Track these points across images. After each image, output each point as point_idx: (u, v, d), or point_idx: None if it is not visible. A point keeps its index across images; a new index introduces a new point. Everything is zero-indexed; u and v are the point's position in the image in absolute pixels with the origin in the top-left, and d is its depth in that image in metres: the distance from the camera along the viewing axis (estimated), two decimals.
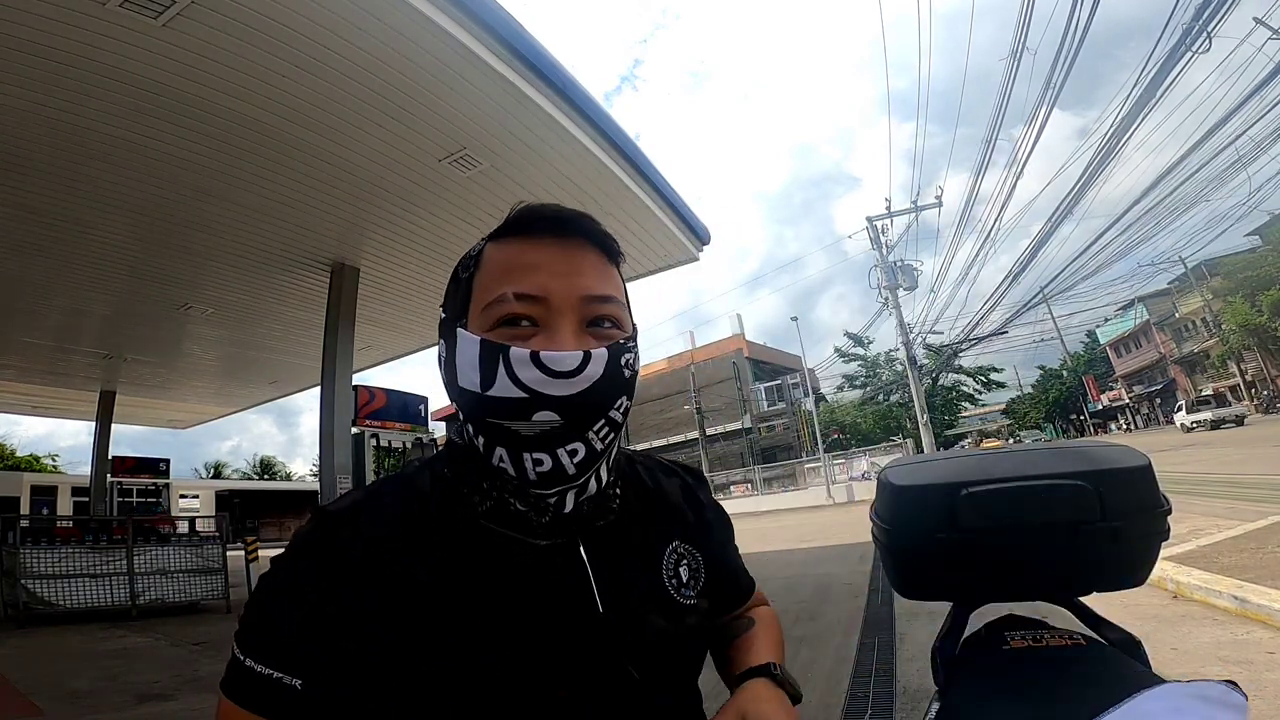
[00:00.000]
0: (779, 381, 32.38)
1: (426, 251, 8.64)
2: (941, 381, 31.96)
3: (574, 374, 0.51)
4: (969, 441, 45.49)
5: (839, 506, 20.19)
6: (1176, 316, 40.31)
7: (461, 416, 0.57)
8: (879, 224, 19.53)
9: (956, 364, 31.68)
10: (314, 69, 5.21)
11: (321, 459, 9.05)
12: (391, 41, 5.05)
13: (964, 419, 48.18)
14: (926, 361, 25.91)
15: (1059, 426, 53.12)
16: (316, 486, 10.98)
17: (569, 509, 0.56)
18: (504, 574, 0.55)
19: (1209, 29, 8.49)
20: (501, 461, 0.54)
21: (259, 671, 0.51)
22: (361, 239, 8.28)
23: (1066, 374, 53.10)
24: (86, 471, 16.13)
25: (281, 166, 6.53)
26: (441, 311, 0.61)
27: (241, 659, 0.52)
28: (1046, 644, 0.78)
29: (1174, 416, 29.41)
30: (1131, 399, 47.77)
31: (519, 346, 0.52)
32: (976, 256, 26.61)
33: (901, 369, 26.08)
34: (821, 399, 34.06)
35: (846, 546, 9.22)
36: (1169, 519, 0.80)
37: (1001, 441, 38.44)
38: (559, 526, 0.57)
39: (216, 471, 43.55)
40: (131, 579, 7.42)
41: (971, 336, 23.38)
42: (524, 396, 0.51)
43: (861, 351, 35.91)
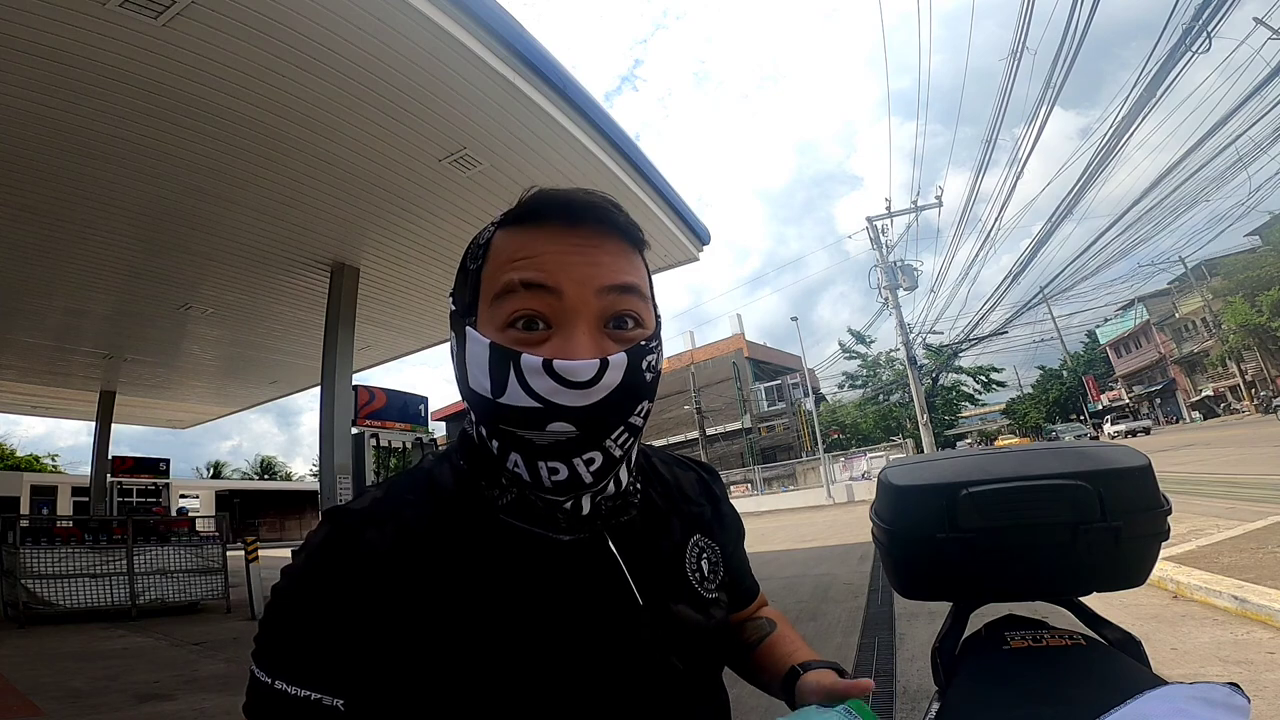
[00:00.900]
0: (779, 381, 32.38)
1: (426, 251, 8.64)
2: (941, 381, 31.94)
3: (590, 384, 0.48)
4: (969, 441, 45.47)
5: (839, 506, 20.19)
6: (1176, 316, 40.30)
7: (473, 418, 0.54)
8: (879, 224, 19.55)
9: (956, 364, 31.68)
10: (314, 69, 5.22)
11: (321, 459, 9.05)
12: (391, 41, 5.05)
13: (964, 419, 48.16)
14: (926, 362, 25.91)
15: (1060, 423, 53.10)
16: (316, 486, 10.98)
17: (586, 511, 0.54)
18: (533, 569, 0.53)
19: (1209, 29, 8.49)
20: (516, 467, 0.51)
21: (293, 694, 0.45)
22: (361, 239, 8.28)
23: (1066, 374, 53.11)
24: (86, 471, 16.13)
25: (281, 166, 6.53)
26: (451, 303, 0.57)
27: (269, 682, 0.46)
28: (1046, 644, 0.77)
29: (1103, 427, 36.62)
30: (1131, 399, 47.77)
31: (531, 353, 0.48)
32: (976, 256, 26.62)
33: (901, 369, 26.09)
34: (821, 399, 34.05)
35: (846, 546, 9.22)
36: (1169, 519, 0.80)
37: (1022, 439, 38.24)
38: (581, 523, 0.55)
39: (216, 471, 43.54)
40: (131, 579, 7.42)
41: (971, 336, 23.39)
42: (537, 407, 0.48)
43: (863, 349, 35.91)
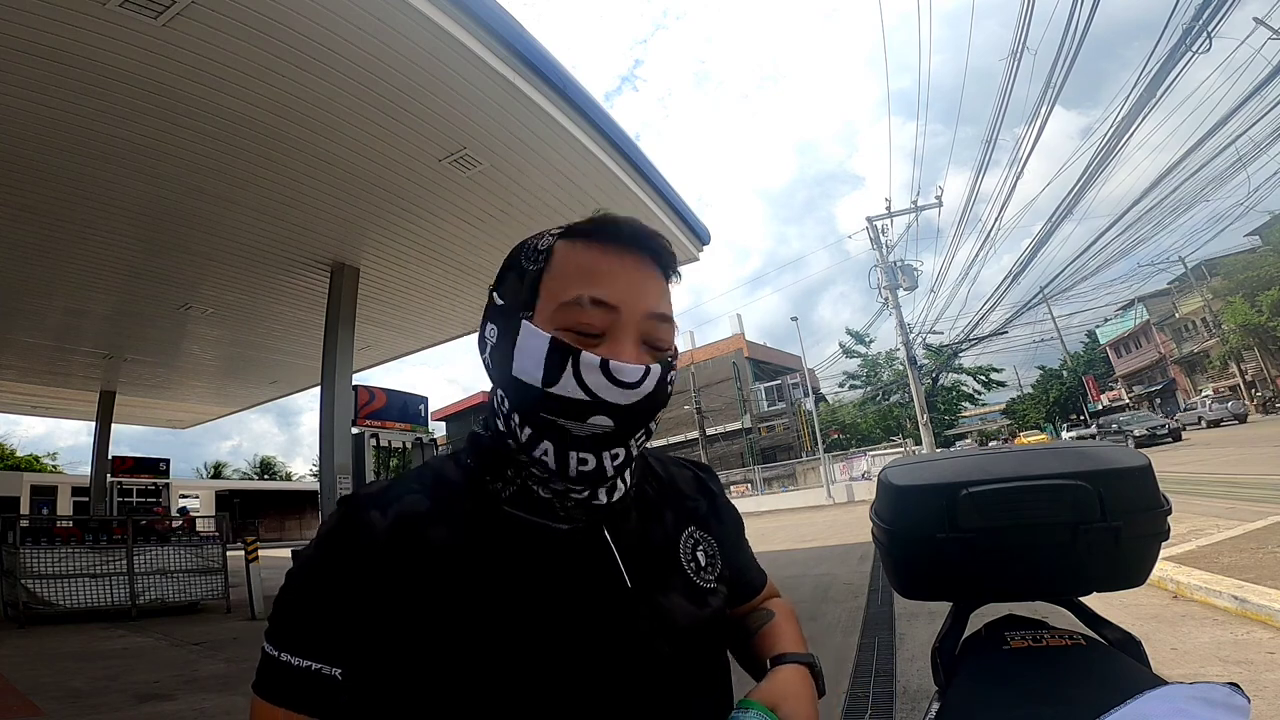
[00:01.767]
0: (779, 381, 32.39)
1: (426, 251, 8.64)
2: (941, 381, 31.93)
3: (635, 385, 0.55)
4: (968, 441, 45.45)
5: (839, 506, 20.20)
6: (1176, 316, 40.29)
7: (507, 405, 0.58)
8: (879, 224, 19.55)
9: (956, 364, 31.67)
10: (314, 69, 5.22)
11: (321, 459, 9.05)
12: (391, 41, 5.05)
13: (964, 419, 48.15)
14: (926, 362, 25.91)
15: (1058, 427, 53.10)
16: (316, 486, 10.97)
17: (603, 502, 0.60)
18: (530, 555, 0.57)
19: (1209, 29, 8.49)
20: (545, 455, 0.56)
21: (295, 665, 0.50)
22: (361, 239, 8.28)
23: (1066, 374, 53.10)
24: (86, 471, 16.13)
25: (282, 166, 6.53)
26: (496, 297, 0.62)
27: (275, 654, 0.51)
28: (1046, 644, 0.77)
29: (1061, 433, 38.80)
30: (1131, 399, 47.77)
31: (590, 352, 0.54)
32: (977, 256, 26.62)
33: (901, 369, 26.09)
34: (821, 399, 34.06)
35: (846, 546, 9.22)
36: (1169, 519, 0.80)
37: (1047, 436, 38.00)
38: (578, 514, 0.60)
39: (216, 471, 43.53)
40: (131, 579, 7.41)
41: (971, 336, 23.39)
42: (586, 400, 0.54)
43: (863, 349, 35.90)
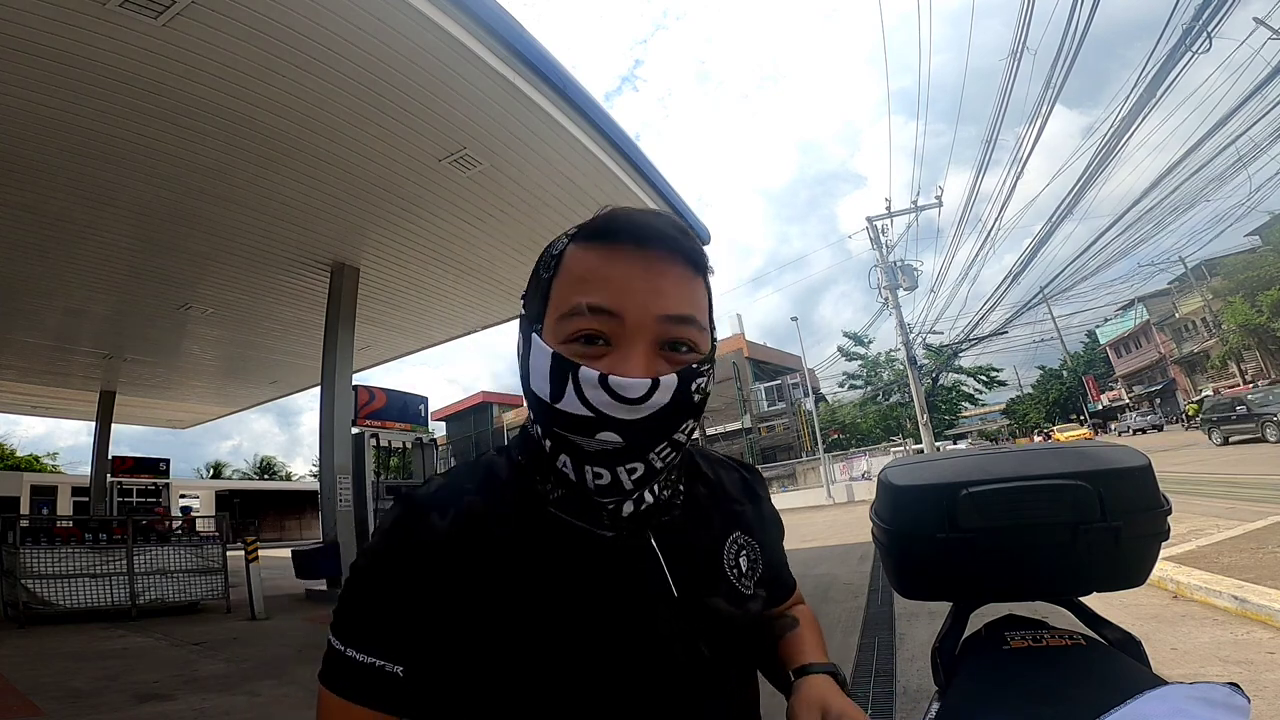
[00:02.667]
0: (779, 381, 32.41)
1: (426, 251, 8.64)
2: (941, 381, 31.93)
3: (640, 401, 0.51)
4: (969, 441, 45.41)
5: (839, 506, 20.19)
6: (1176, 316, 40.28)
7: (532, 416, 0.58)
8: (879, 224, 19.54)
9: (956, 364, 31.67)
10: (314, 69, 5.22)
11: (321, 459, 9.06)
12: (391, 41, 5.05)
13: (964, 419, 48.14)
14: (926, 362, 25.91)
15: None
16: (316, 486, 10.97)
17: (626, 514, 0.58)
18: (578, 561, 0.56)
19: (1209, 29, 8.49)
20: (565, 468, 0.55)
21: (360, 661, 0.51)
22: (361, 239, 8.28)
23: (1066, 374, 53.10)
24: (86, 471, 16.14)
25: (282, 166, 6.53)
26: (521, 306, 0.62)
27: (341, 649, 0.52)
28: (1046, 644, 0.77)
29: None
30: (1131, 399, 47.77)
31: (589, 367, 0.52)
32: (977, 256, 26.62)
33: (901, 369, 26.09)
34: (821, 399, 34.06)
35: (846, 546, 9.21)
36: (1169, 519, 0.80)
37: (1089, 433, 36.25)
38: (623, 521, 0.59)
39: (216, 471, 43.52)
40: (131, 579, 7.41)
41: (971, 336, 23.39)
42: (590, 416, 0.51)
43: (862, 351, 35.91)
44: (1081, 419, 47.97)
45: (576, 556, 0.56)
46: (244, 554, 7.49)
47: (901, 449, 23.62)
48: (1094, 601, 0.87)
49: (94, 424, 14.79)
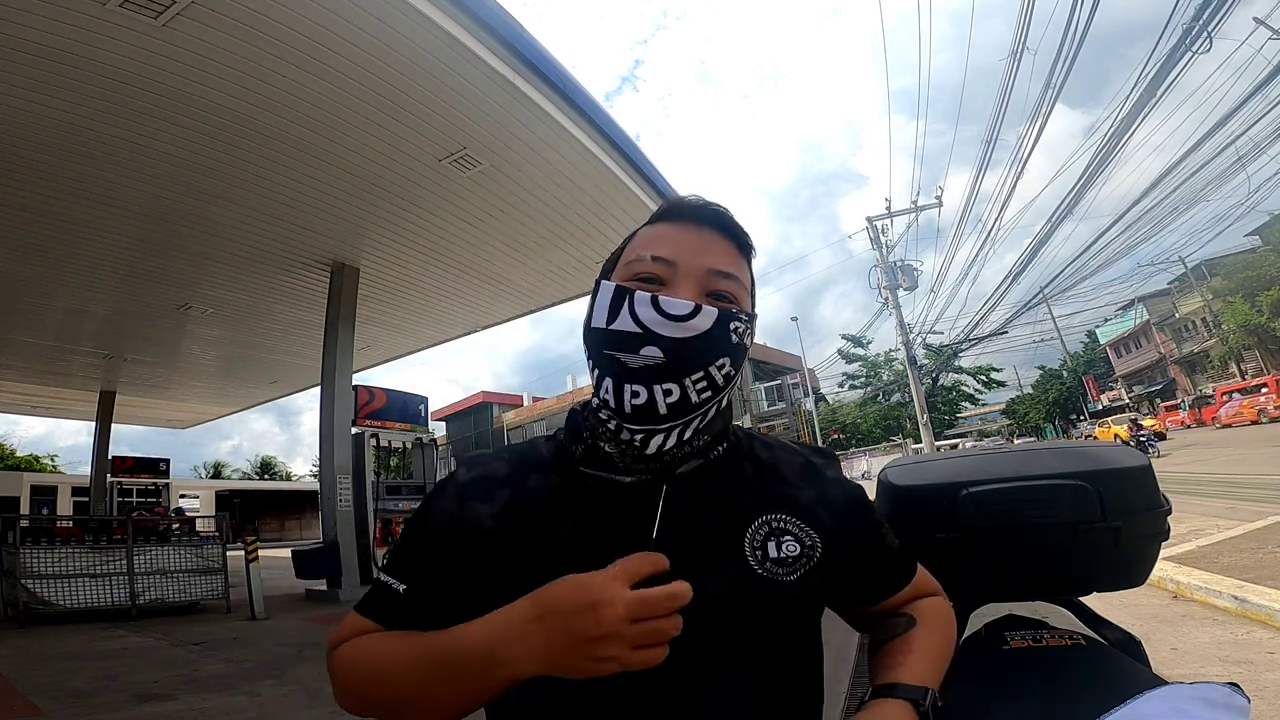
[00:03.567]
0: (779, 381, 32.39)
1: (426, 251, 8.64)
2: (941, 381, 31.94)
3: (684, 319, 0.58)
4: (970, 441, 45.41)
5: None
6: (1176, 316, 40.27)
7: (588, 355, 0.65)
8: (879, 224, 19.54)
9: (956, 364, 31.67)
10: (314, 69, 5.21)
11: (321, 459, 9.05)
12: (391, 41, 5.05)
13: (964, 419, 48.14)
14: (926, 362, 25.91)
15: (1059, 426, 53.11)
16: (316, 486, 10.97)
17: (652, 451, 0.61)
18: (591, 504, 0.62)
19: (1209, 29, 8.49)
20: (607, 393, 0.61)
21: (381, 579, 0.64)
22: (361, 239, 8.28)
23: (1066, 374, 53.07)
24: (86, 471, 16.14)
25: (281, 166, 6.53)
26: (594, 284, 0.69)
27: (378, 574, 0.65)
28: (1046, 644, 0.77)
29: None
30: (1131, 399, 47.76)
31: (644, 291, 0.60)
32: (977, 256, 26.63)
33: (901, 369, 26.09)
34: (821, 399, 34.06)
35: None
36: (1169, 519, 0.80)
37: (1126, 430, 34.61)
38: (642, 465, 0.62)
39: (216, 471, 43.47)
40: (131, 579, 7.40)
41: (971, 336, 23.39)
42: (638, 331, 0.59)
43: (862, 352, 35.93)
44: (1081, 419, 47.92)
45: (590, 501, 0.62)
46: (244, 554, 7.49)
47: (900, 449, 23.59)
48: (1094, 601, 0.87)
49: (94, 424, 14.79)
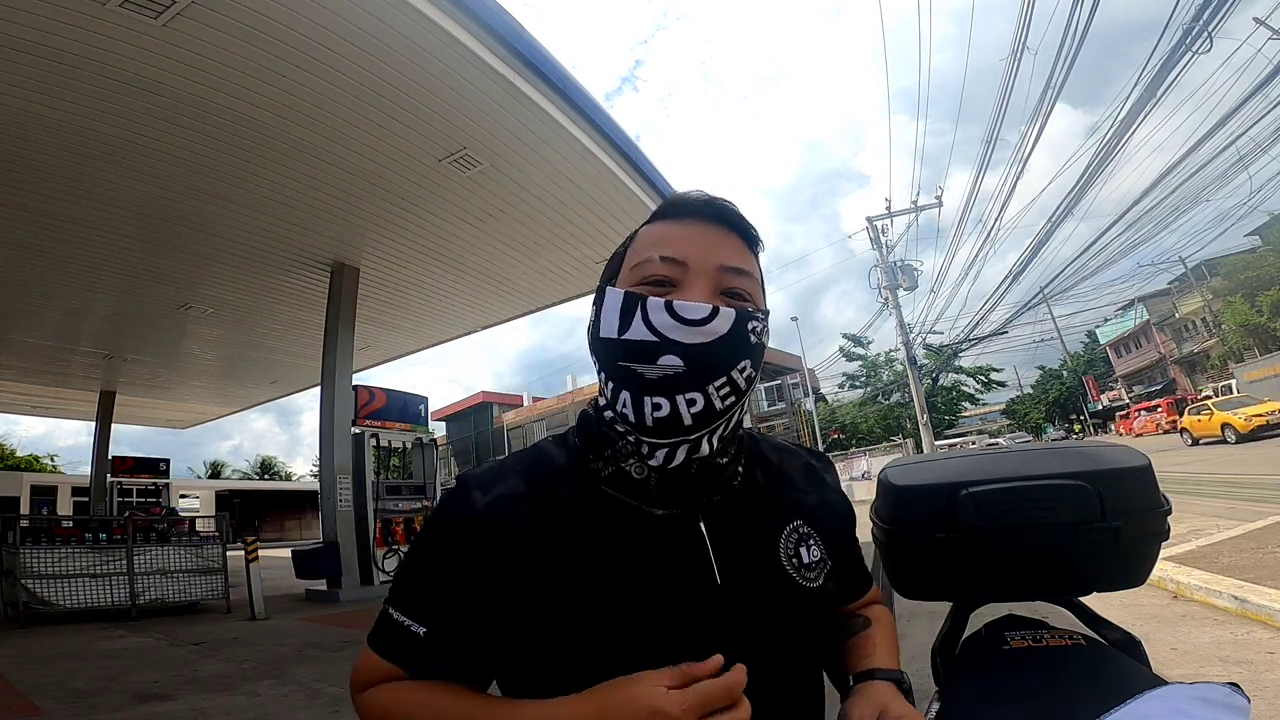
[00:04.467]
0: (779, 381, 32.38)
1: (426, 251, 8.64)
2: (941, 382, 31.93)
3: (702, 323, 0.55)
4: (971, 441, 45.38)
5: None
6: (1176, 316, 40.27)
7: (598, 368, 0.61)
8: (879, 224, 19.54)
9: (956, 364, 31.67)
10: (314, 69, 5.22)
11: (321, 459, 9.06)
12: (392, 41, 5.05)
13: (964, 419, 48.12)
14: (926, 362, 25.91)
15: (1059, 427, 53.10)
16: (316, 486, 10.97)
17: (678, 462, 0.57)
18: (623, 538, 0.58)
19: (1209, 29, 8.49)
20: (625, 406, 0.56)
21: (394, 618, 0.58)
22: (361, 239, 8.28)
23: (1066, 374, 53.07)
24: (86, 471, 16.14)
25: (281, 166, 6.53)
26: (595, 290, 0.65)
27: (387, 609, 0.59)
28: (1046, 644, 0.77)
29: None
30: (1131, 399, 47.75)
31: (656, 297, 0.56)
32: (977, 256, 26.62)
33: (901, 369, 26.09)
34: (821, 399, 34.07)
35: None
36: (1169, 519, 0.80)
37: (1238, 410, 33.73)
38: (675, 495, 0.59)
39: (215, 472, 43.46)
40: (131, 579, 7.41)
41: (971, 336, 23.38)
42: (654, 340, 0.55)
43: (862, 352, 35.93)
44: (1082, 419, 47.88)
45: (623, 535, 0.58)
46: (244, 554, 7.49)
47: (901, 450, 23.59)
48: (1094, 601, 0.87)
49: (94, 424, 14.79)
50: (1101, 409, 49.05)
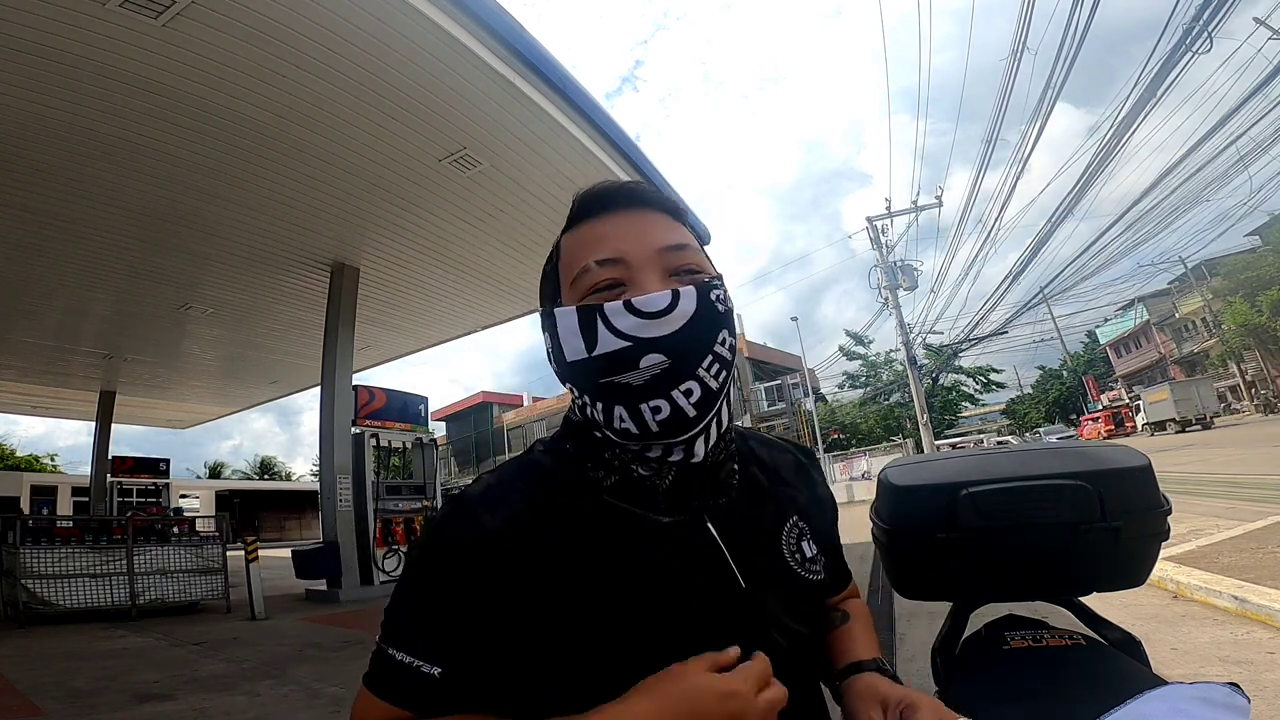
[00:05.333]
0: (779, 381, 32.37)
1: (426, 251, 8.64)
2: (941, 382, 31.92)
3: (667, 311, 0.53)
4: (972, 440, 45.36)
5: (839, 506, 20.17)
6: (1176, 316, 40.26)
7: (577, 394, 0.58)
8: (879, 224, 19.53)
9: (956, 364, 31.66)
10: (314, 69, 5.22)
11: (322, 459, 9.06)
12: (392, 42, 5.05)
13: (964, 419, 48.11)
14: (926, 362, 25.90)
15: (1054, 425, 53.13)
16: (316, 486, 10.96)
17: (698, 458, 0.55)
18: (635, 550, 0.55)
19: (1210, 29, 8.49)
20: (623, 421, 0.54)
21: (399, 660, 0.52)
22: (361, 239, 8.28)
23: (1066, 374, 53.06)
24: (86, 471, 16.13)
25: (282, 166, 6.53)
26: (540, 315, 0.62)
27: (384, 649, 0.53)
28: (1046, 644, 0.77)
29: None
30: (1131, 399, 47.74)
31: (611, 301, 0.54)
32: (977, 256, 26.62)
33: (901, 369, 26.09)
34: (821, 399, 34.07)
35: (846, 546, 9.16)
36: (1169, 519, 0.80)
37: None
38: (680, 501, 0.57)
39: (214, 472, 43.44)
40: (131, 579, 7.41)
41: (971, 336, 23.38)
42: (628, 345, 0.52)
43: (863, 351, 35.93)
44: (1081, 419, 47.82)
45: (633, 546, 0.55)
46: (244, 554, 7.49)
47: (901, 449, 23.59)
48: (1094, 601, 0.87)
49: (94, 424, 14.79)
50: (1101, 409, 49.02)
